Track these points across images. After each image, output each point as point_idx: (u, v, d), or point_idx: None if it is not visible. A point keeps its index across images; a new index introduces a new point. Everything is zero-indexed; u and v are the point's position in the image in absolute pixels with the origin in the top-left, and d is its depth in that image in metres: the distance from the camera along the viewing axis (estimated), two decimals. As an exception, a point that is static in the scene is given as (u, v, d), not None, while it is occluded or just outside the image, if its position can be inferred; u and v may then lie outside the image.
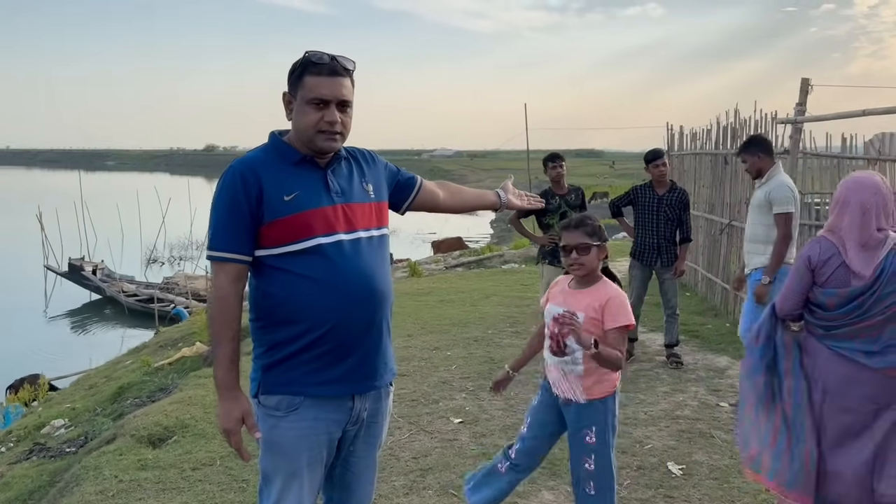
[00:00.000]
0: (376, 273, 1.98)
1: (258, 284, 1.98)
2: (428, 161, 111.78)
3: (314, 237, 1.91)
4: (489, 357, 5.80)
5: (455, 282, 10.20)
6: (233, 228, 1.91)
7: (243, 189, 1.90)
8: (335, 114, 1.93)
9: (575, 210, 5.59)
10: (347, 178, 2.04)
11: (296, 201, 1.92)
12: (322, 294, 1.91)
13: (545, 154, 6.03)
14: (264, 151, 2.01)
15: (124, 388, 7.02)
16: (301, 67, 1.94)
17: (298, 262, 1.91)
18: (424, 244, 29.47)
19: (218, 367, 1.93)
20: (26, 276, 23.47)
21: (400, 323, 7.20)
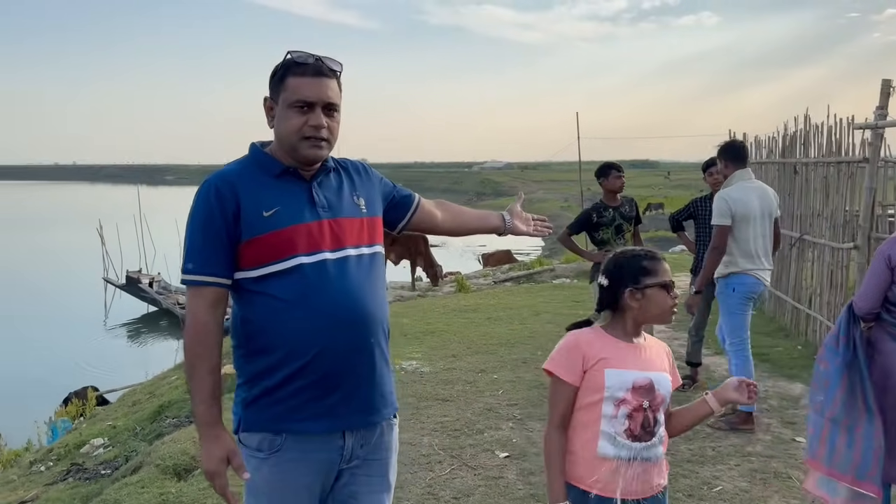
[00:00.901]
0: (366, 295, 1.81)
1: (238, 309, 1.82)
2: (478, 173, 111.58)
3: (295, 256, 1.75)
4: (538, 382, 5.42)
5: (503, 297, 9.82)
6: (209, 248, 1.75)
7: (219, 205, 1.74)
8: (321, 117, 1.77)
9: (629, 222, 5.29)
10: (336, 191, 1.87)
11: (276, 217, 1.76)
12: (304, 319, 1.73)
13: (598, 164, 5.63)
14: (242, 164, 1.85)
15: (164, 406, 6.88)
16: (283, 69, 1.79)
17: (278, 285, 1.74)
18: (474, 257, 29.18)
19: (197, 402, 1.75)
20: (87, 289, 24.05)
21: (445, 343, 6.88)
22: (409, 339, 7.05)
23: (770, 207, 4.38)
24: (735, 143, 4.60)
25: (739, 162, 4.41)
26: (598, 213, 5.26)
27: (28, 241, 38.87)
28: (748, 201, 4.29)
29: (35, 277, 26.46)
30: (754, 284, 4.30)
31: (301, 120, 1.76)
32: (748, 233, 4.28)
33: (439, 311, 8.65)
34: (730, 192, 4.33)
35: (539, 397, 5.02)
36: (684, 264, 11.78)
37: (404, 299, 10.94)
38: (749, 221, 4.28)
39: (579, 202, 34.65)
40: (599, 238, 5.29)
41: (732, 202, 4.27)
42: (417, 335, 7.24)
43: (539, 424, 4.49)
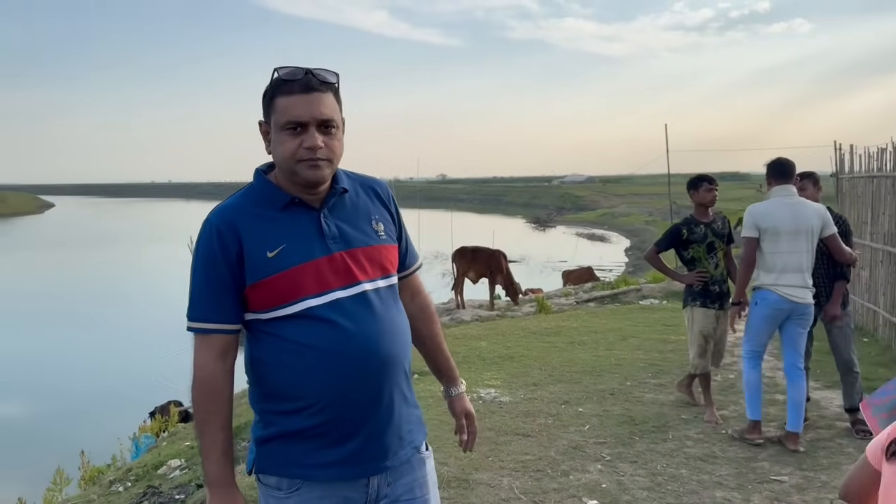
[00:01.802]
0: (384, 335, 1.68)
1: (250, 349, 1.72)
2: (558, 187, 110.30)
3: (303, 299, 1.63)
4: (629, 416, 4.99)
5: (587, 319, 9.35)
6: (213, 294, 1.65)
7: (220, 248, 1.63)
8: (315, 137, 1.62)
9: (721, 239, 4.98)
10: (349, 217, 1.73)
11: (281, 257, 1.64)
12: (318, 365, 1.63)
13: (686, 177, 5.28)
14: (245, 196, 1.72)
15: (240, 427, 6.77)
16: (272, 88, 1.65)
17: (289, 328, 1.64)
18: (555, 273, 28.61)
19: (207, 461, 1.66)
20: (178, 303, 24.85)
21: (525, 369, 6.52)
22: (487, 364, 6.73)
23: (808, 224, 4.31)
24: (780, 161, 4.51)
25: (782, 178, 4.42)
26: (689, 229, 4.95)
27: (121, 255, 40.81)
28: (776, 216, 4.32)
29: (127, 292, 27.63)
30: (777, 301, 4.30)
31: (295, 142, 1.62)
32: (774, 247, 4.30)
33: (519, 334, 8.28)
34: (757, 206, 4.43)
35: (629, 435, 4.61)
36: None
37: (482, 319, 10.61)
38: (775, 236, 4.29)
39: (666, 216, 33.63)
40: (689, 256, 4.96)
41: (757, 215, 4.36)
42: (496, 360, 6.90)
43: (630, 467, 4.09)
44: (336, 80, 1.68)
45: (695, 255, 4.93)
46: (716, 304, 4.93)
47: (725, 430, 4.69)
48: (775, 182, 4.44)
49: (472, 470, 4.04)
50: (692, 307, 4.97)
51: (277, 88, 1.64)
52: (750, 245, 4.37)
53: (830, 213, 4.80)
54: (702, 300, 4.93)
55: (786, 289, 4.29)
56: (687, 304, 5.06)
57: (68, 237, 54.26)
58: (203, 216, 1.73)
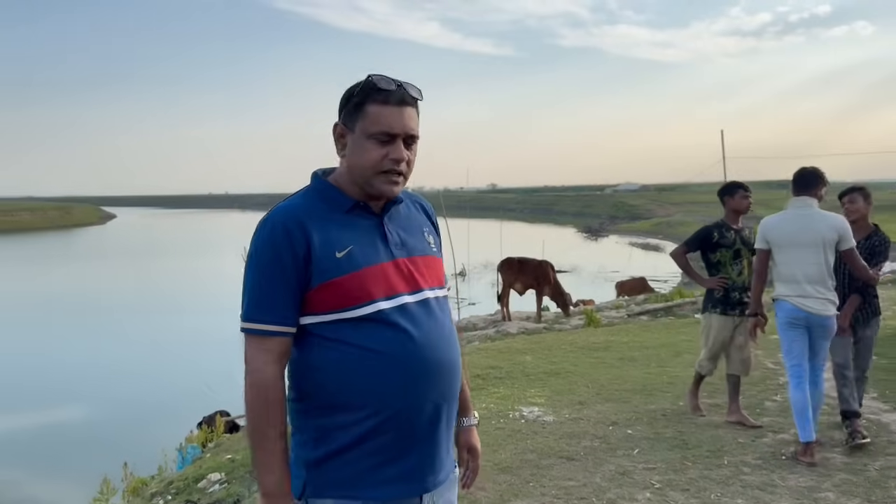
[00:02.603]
0: (447, 342, 1.68)
1: (301, 357, 1.64)
2: (611, 196, 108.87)
3: (373, 301, 1.60)
4: (682, 441, 4.68)
5: (638, 334, 8.99)
6: (277, 293, 1.59)
7: (288, 245, 1.58)
8: (401, 150, 1.63)
9: (748, 247, 5.00)
10: (407, 227, 1.74)
11: (349, 258, 1.61)
12: (386, 371, 1.59)
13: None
14: (307, 197, 1.68)
15: (281, 442, 6.71)
16: (362, 94, 1.63)
17: (355, 332, 1.59)
18: (606, 283, 28.08)
19: (265, 471, 1.58)
20: (233, 312, 25.22)
21: (571, 386, 6.25)
22: (531, 381, 6.48)
23: (819, 236, 4.30)
24: (801, 171, 4.50)
25: (800, 189, 4.44)
26: (720, 233, 4.99)
27: (177, 265, 41.79)
28: (783, 227, 4.40)
29: (185, 301, 28.22)
30: (791, 311, 4.35)
31: (381, 152, 1.61)
32: (785, 258, 4.38)
33: (566, 349, 7.98)
34: (768, 219, 4.51)
35: (681, 461, 4.31)
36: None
37: (529, 332, 10.34)
38: (784, 248, 4.38)
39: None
40: (716, 260, 5.00)
41: (765, 228, 4.46)
42: (541, 376, 6.65)
43: (682, 496, 3.80)
44: (421, 97, 1.68)
45: (721, 260, 4.96)
46: (735, 310, 4.98)
47: (784, 455, 4.37)
48: (794, 192, 4.47)
49: (511, 496, 3.82)
50: (711, 313, 5.03)
51: (369, 95, 1.62)
52: (759, 257, 4.50)
53: (878, 233, 4.81)
54: (722, 307, 4.98)
55: (797, 299, 4.33)
56: (706, 310, 5.09)
57: (128, 247, 56.01)
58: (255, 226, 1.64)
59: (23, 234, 75.51)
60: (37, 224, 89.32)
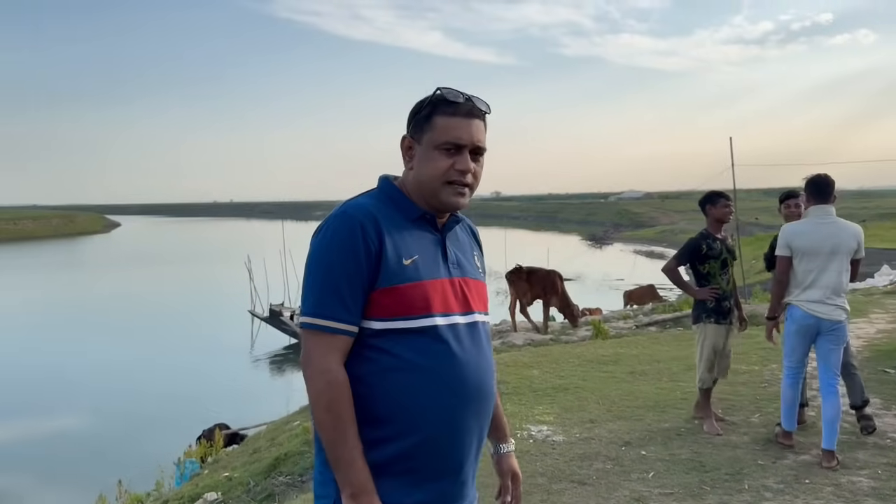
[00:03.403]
0: (488, 368, 1.67)
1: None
2: (615, 204, 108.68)
3: (431, 315, 1.57)
4: (698, 461, 4.45)
5: (648, 346, 8.74)
6: (348, 290, 1.54)
7: (363, 241, 1.55)
8: (468, 161, 1.63)
9: (732, 256, 5.16)
10: (461, 247, 1.74)
11: (415, 267, 1.59)
12: (432, 389, 1.55)
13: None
14: (378, 199, 1.66)
15: (280, 459, 6.50)
16: (431, 106, 1.64)
17: (405, 344, 1.55)
18: (611, 291, 27.86)
19: (351, 469, 1.50)
20: (236, 322, 25.13)
21: (581, 403, 6.02)
22: (539, 397, 6.25)
23: (844, 245, 4.38)
24: (818, 178, 4.49)
25: (819, 198, 4.43)
26: (708, 244, 5.04)
27: (181, 274, 41.67)
28: (809, 235, 4.39)
29: (188, 311, 28.08)
30: (803, 317, 4.40)
31: (447, 163, 1.62)
32: (805, 266, 4.40)
33: (574, 362, 7.74)
34: (790, 226, 4.53)
35: (699, 485, 4.09)
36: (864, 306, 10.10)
37: (535, 344, 10.11)
38: (809, 255, 4.39)
39: (732, 233, 32.42)
40: (705, 271, 5.05)
41: (790, 235, 4.46)
42: (549, 392, 6.41)
43: (702, 525, 3.58)
44: (489, 111, 1.69)
45: (710, 271, 5.02)
46: (727, 319, 5.08)
47: (808, 480, 4.15)
48: (813, 201, 4.46)
49: (520, 525, 3.59)
50: (706, 323, 5.05)
51: (438, 107, 1.63)
52: (783, 264, 4.49)
53: None
54: (715, 316, 5.03)
55: (810, 304, 4.38)
56: (700, 321, 5.10)
57: (132, 256, 55.94)
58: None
59: (26, 243, 75.58)
60: (40, 232, 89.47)
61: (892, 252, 24.24)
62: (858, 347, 7.89)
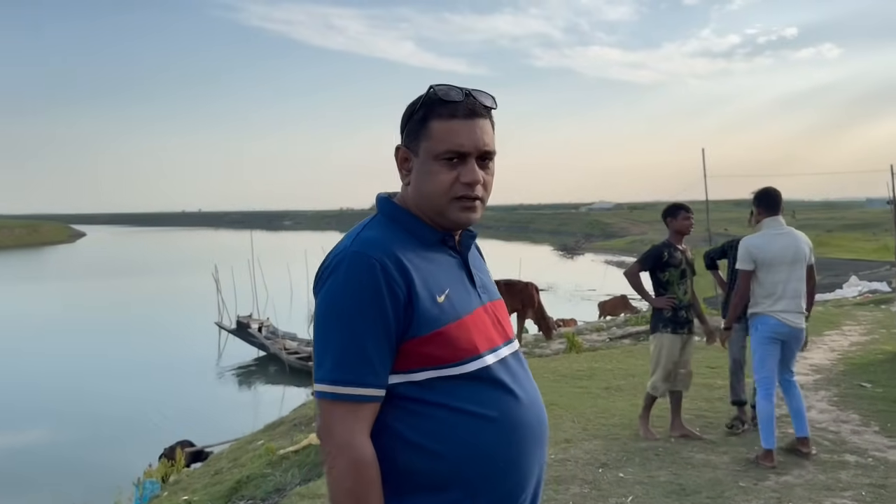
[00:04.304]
0: (540, 396, 1.46)
1: (383, 426, 1.32)
2: (586, 214, 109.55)
3: (480, 355, 1.36)
4: (678, 485, 4.27)
5: (622, 360, 8.61)
6: (375, 348, 1.30)
7: (387, 287, 1.31)
8: (475, 171, 1.38)
9: (691, 267, 5.24)
10: (479, 265, 1.52)
11: (450, 303, 1.36)
12: (501, 440, 1.34)
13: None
14: (388, 228, 1.40)
15: (242, 482, 6.21)
16: (424, 108, 1.39)
17: (460, 393, 1.33)
18: (584, 302, 27.87)
19: None
20: (202, 334, 24.59)
21: (556, 420, 5.81)
22: (513, 414, 6.05)
23: (801, 253, 4.58)
24: (770, 191, 4.69)
25: (772, 209, 4.61)
26: (669, 253, 5.13)
27: (146, 285, 40.83)
28: (770, 247, 4.53)
29: (154, 323, 27.43)
30: (776, 325, 4.51)
31: (451, 175, 1.37)
32: (771, 277, 4.51)
33: (548, 378, 7.54)
34: (751, 240, 4.63)
35: (680, 509, 3.91)
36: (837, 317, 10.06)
37: (509, 357, 9.91)
38: (772, 266, 4.51)
39: (698, 243, 32.71)
40: (665, 279, 5.13)
41: (754, 248, 4.57)
42: (523, 409, 6.22)
43: (684, 554, 3.39)
44: (495, 105, 1.43)
45: (669, 279, 5.11)
46: (684, 329, 5.15)
47: (791, 502, 3.99)
48: (766, 213, 4.62)
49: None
50: (662, 333, 5.12)
51: (432, 110, 1.38)
52: (745, 277, 4.59)
53: (731, 240, 5.44)
54: (672, 326, 5.10)
55: (783, 314, 4.51)
56: (657, 330, 5.17)
57: (97, 267, 54.79)
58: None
59: (-12, 253, 73.64)
60: (3, 242, 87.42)
61: (859, 262, 24.60)
62: (833, 361, 7.85)
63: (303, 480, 5.59)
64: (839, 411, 5.82)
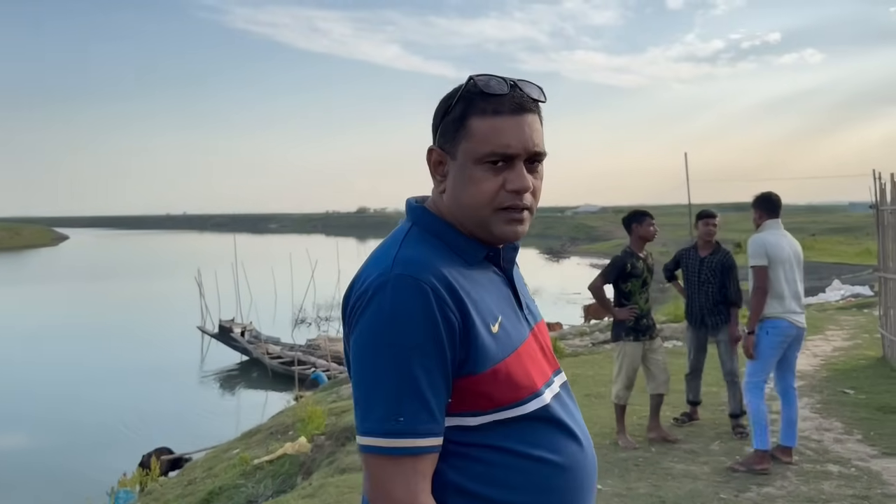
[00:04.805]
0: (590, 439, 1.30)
1: (436, 478, 1.14)
2: (572, 218, 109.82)
3: (538, 394, 1.19)
4: (657, 496, 4.17)
5: (604, 366, 8.48)
6: (431, 388, 1.11)
7: (442, 316, 1.11)
8: (524, 176, 1.19)
9: (651, 275, 5.19)
10: (522, 283, 1.34)
11: (505, 333, 1.18)
12: (566, 485, 1.18)
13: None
14: (430, 244, 1.20)
15: (214, 493, 6.06)
16: (461, 103, 1.19)
17: (521, 437, 1.16)
18: (569, 306, 27.86)
19: None
20: (185, 338, 24.31)
21: (535, 429, 5.72)
22: (492, 423, 5.93)
23: (800, 255, 4.63)
24: (771, 195, 4.70)
25: (773, 212, 4.62)
26: (632, 263, 5.07)
27: (133, 289, 40.40)
28: (781, 246, 4.52)
29: (136, 328, 27.09)
30: (787, 328, 4.48)
31: (496, 183, 1.18)
32: (780, 276, 4.47)
33: (529, 384, 7.45)
34: (764, 236, 4.55)
35: (659, 523, 3.81)
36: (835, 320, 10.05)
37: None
38: (781, 265, 4.48)
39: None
40: (627, 290, 5.08)
41: (768, 245, 4.50)
42: (503, 417, 6.11)
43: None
44: (544, 98, 1.24)
45: (632, 290, 5.06)
46: (646, 335, 5.15)
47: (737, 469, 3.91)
48: (767, 216, 4.61)
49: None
50: (625, 342, 5.10)
51: (473, 104, 1.18)
52: (763, 273, 4.48)
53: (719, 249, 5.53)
54: (635, 334, 5.08)
55: (793, 315, 4.49)
56: (619, 339, 5.15)
57: (79, 270, 54.16)
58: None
59: (-32, 256, 72.71)
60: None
61: (842, 266, 24.74)
62: (816, 366, 7.79)
63: (276, 492, 5.46)
64: (822, 419, 5.75)
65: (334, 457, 5.36)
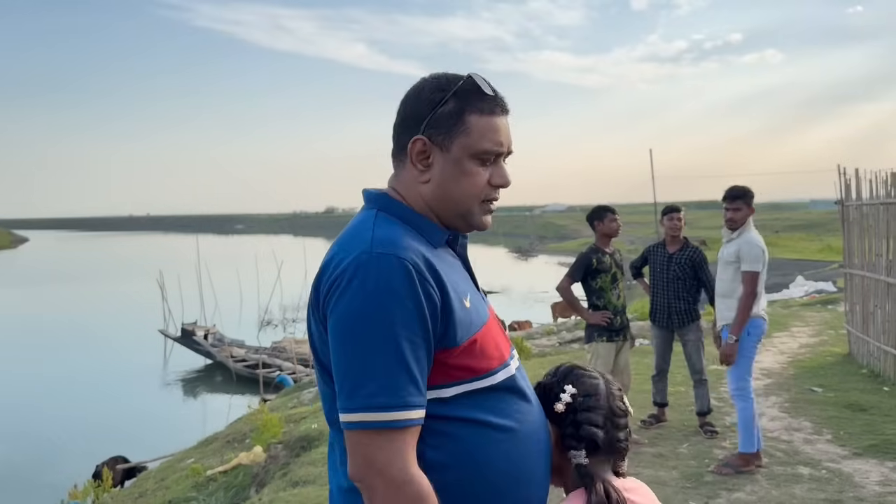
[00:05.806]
0: None
1: None
2: (540, 216, 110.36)
3: (507, 364, 1.28)
4: None
5: (572, 366, 8.36)
6: (416, 362, 1.14)
7: (424, 292, 1.16)
8: (506, 173, 1.32)
9: (620, 270, 5.10)
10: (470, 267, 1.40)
11: (475, 308, 1.26)
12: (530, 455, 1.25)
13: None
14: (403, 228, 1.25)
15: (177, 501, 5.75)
16: (459, 99, 1.25)
17: (487, 405, 1.22)
18: (537, 304, 27.82)
19: None
20: (146, 342, 23.72)
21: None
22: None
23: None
24: (750, 190, 4.58)
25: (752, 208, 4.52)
26: (598, 259, 4.99)
27: (93, 292, 39.44)
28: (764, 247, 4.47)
29: (96, 331, 26.39)
30: (763, 325, 4.45)
31: (483, 177, 1.29)
32: (764, 275, 4.44)
33: (495, 386, 7.26)
34: (758, 239, 4.45)
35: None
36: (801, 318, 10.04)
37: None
38: (765, 266, 4.44)
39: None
40: (597, 286, 4.99)
41: (764, 248, 4.43)
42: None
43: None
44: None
45: (602, 286, 4.97)
46: (619, 336, 5.05)
47: None
48: (749, 210, 4.49)
49: None
50: (598, 342, 4.99)
51: (469, 101, 1.27)
52: (757, 278, 4.37)
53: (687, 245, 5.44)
54: (608, 335, 4.98)
55: (764, 312, 4.49)
56: (592, 339, 5.03)
57: (39, 273, 52.81)
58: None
59: (-79, 260, 70.46)
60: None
61: (805, 262, 25.04)
62: (783, 364, 7.72)
63: (228, 506, 5.18)
64: (791, 418, 5.64)
65: (288, 468, 5.10)
